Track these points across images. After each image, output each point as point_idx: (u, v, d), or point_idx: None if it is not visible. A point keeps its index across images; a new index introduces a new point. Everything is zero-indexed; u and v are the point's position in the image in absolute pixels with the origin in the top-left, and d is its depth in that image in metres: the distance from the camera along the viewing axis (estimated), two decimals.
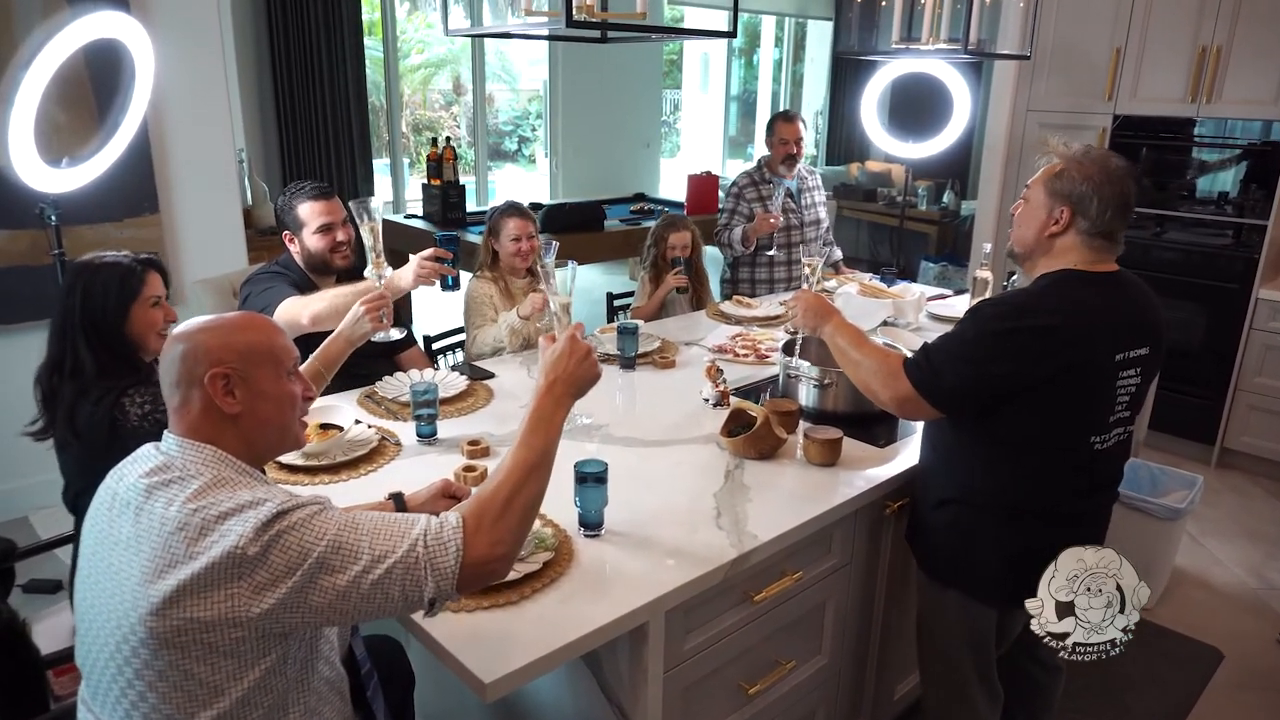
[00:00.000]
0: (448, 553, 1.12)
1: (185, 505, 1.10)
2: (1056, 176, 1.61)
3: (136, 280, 1.86)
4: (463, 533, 1.13)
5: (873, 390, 1.73)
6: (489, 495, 1.18)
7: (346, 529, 1.11)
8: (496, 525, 1.16)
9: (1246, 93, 3.65)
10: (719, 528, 1.64)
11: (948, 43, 2.75)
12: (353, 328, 1.83)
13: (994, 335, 1.56)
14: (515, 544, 1.19)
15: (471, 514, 1.16)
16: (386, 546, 1.11)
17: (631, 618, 1.39)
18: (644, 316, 3.18)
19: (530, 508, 1.21)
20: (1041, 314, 1.55)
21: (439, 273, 2.16)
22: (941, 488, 1.75)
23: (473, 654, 1.27)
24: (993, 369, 1.56)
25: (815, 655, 1.90)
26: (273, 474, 1.83)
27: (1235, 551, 3.29)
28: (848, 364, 1.80)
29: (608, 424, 2.13)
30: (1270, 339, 3.72)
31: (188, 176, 3.42)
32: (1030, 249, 1.67)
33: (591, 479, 1.57)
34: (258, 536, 1.07)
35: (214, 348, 1.20)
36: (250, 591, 1.06)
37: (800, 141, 3.56)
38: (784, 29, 9.47)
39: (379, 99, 6.67)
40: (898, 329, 2.92)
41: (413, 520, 1.15)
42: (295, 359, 1.29)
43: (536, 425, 1.25)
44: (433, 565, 1.11)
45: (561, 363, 1.31)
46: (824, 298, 1.91)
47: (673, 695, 1.54)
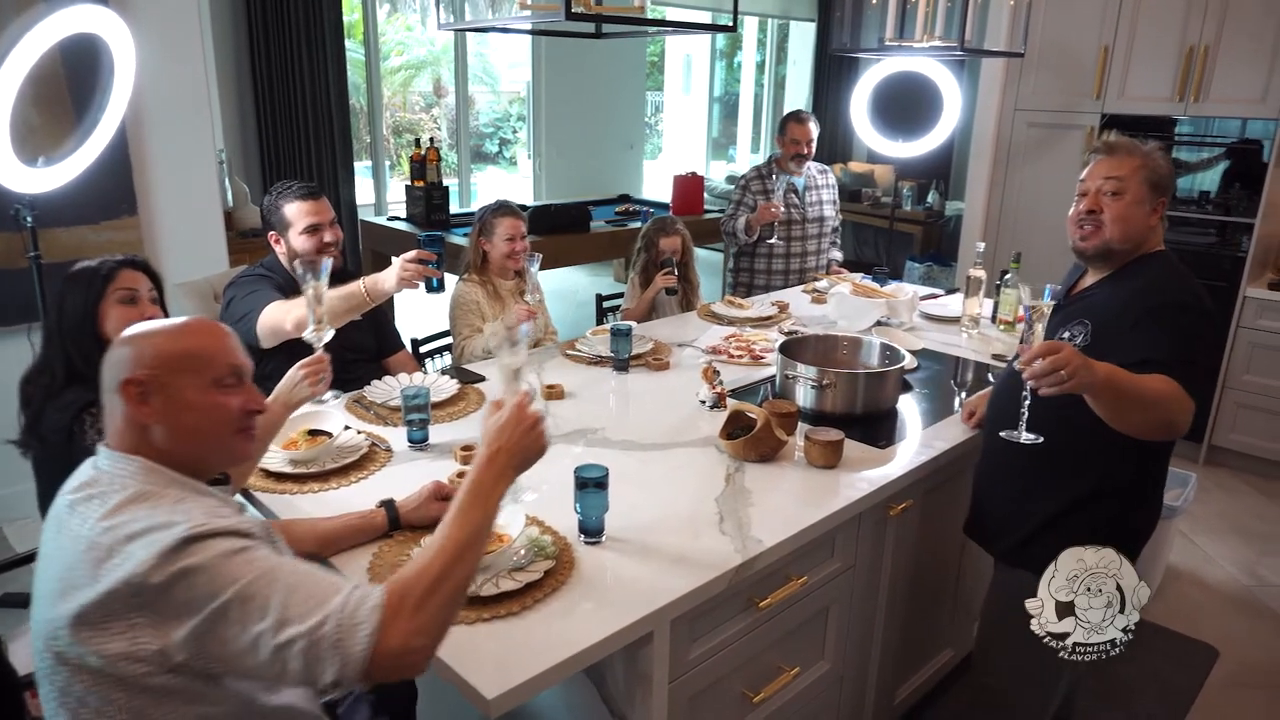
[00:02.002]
0: (357, 636, 0.98)
1: (99, 523, 1.04)
2: (1150, 169, 1.69)
3: (102, 279, 1.80)
4: (381, 615, 1.00)
5: (1172, 422, 1.52)
6: (415, 575, 1.05)
7: (261, 579, 1.01)
8: (418, 612, 1.02)
9: (1234, 91, 3.66)
10: (722, 533, 1.60)
11: (941, 40, 2.73)
12: (290, 392, 1.68)
13: (1203, 316, 1.63)
14: (437, 635, 1.04)
15: (394, 593, 1.02)
16: (297, 611, 0.99)
17: (637, 627, 1.35)
18: (634, 318, 3.14)
19: (459, 592, 1.07)
20: (1202, 296, 1.65)
21: (423, 274, 2.10)
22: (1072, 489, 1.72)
23: (476, 668, 1.22)
24: (1216, 348, 1.63)
25: (819, 661, 1.86)
26: (260, 482, 1.77)
27: (1227, 549, 3.29)
28: (1138, 408, 1.50)
29: (604, 427, 2.09)
30: (1257, 337, 3.73)
31: (167, 178, 3.34)
32: (1137, 242, 1.71)
33: (592, 484, 1.53)
34: (161, 564, 0.99)
35: (136, 354, 1.15)
36: (150, 624, 0.99)
37: (811, 142, 3.63)
38: (766, 30, 9.47)
39: (360, 101, 6.59)
40: (892, 329, 2.90)
41: (336, 587, 1.03)
42: (235, 369, 1.21)
43: (474, 500, 1.14)
44: (338, 648, 0.98)
45: (506, 432, 1.19)
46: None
47: (678, 705, 1.50)
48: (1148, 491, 1.77)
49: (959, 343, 2.86)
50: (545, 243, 4.47)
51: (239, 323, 2.18)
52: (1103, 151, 1.74)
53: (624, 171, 7.83)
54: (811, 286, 3.54)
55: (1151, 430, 1.53)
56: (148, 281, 1.86)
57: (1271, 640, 2.74)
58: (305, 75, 5.29)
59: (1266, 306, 3.70)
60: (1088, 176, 1.74)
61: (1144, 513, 1.78)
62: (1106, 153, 1.73)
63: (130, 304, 1.80)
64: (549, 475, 1.78)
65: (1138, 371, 1.52)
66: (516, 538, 1.46)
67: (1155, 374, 1.51)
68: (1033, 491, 1.77)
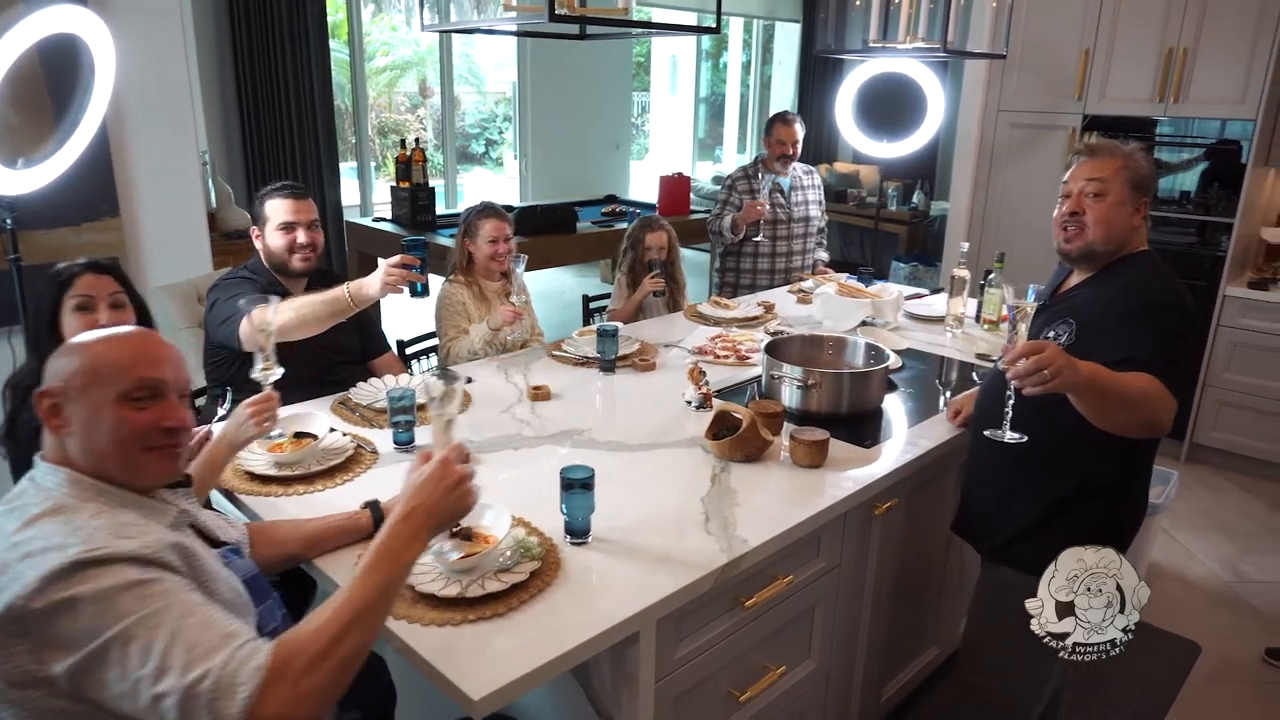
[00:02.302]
0: (235, 699, 0.93)
1: (10, 538, 1.03)
2: (1132, 170, 1.70)
3: (59, 286, 1.79)
4: (262, 677, 0.95)
5: (1155, 421, 1.53)
6: (305, 638, 1.00)
7: (147, 620, 0.96)
8: (302, 679, 0.96)
9: (1212, 92, 3.70)
10: (708, 533, 1.60)
11: (924, 42, 2.74)
12: (236, 431, 1.64)
13: (1185, 315, 1.64)
14: (317, 706, 0.98)
15: (280, 656, 0.97)
16: (179, 661, 0.95)
17: (623, 627, 1.35)
18: (621, 319, 3.14)
19: (351, 660, 1.01)
20: (1184, 296, 1.67)
21: (406, 279, 2.10)
22: (1054, 489, 1.73)
23: (461, 669, 1.22)
24: (1197, 347, 1.64)
25: (805, 660, 1.87)
26: (244, 485, 1.76)
27: (1208, 546, 3.33)
28: (1121, 406, 1.52)
29: (590, 428, 2.09)
30: (1237, 335, 3.77)
31: (149, 179, 3.31)
32: (1120, 243, 1.73)
33: (579, 485, 1.53)
34: (45, 589, 0.96)
35: (57, 367, 1.13)
36: (29, 652, 0.97)
37: (796, 142, 3.67)
38: (752, 31, 9.49)
39: (345, 102, 6.56)
40: (877, 328, 2.91)
41: (225, 640, 0.98)
42: (148, 383, 1.15)
43: (380, 561, 1.07)
44: (212, 708, 0.93)
45: (426, 489, 1.13)
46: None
47: (664, 705, 1.50)
48: (1133, 490, 1.79)
49: (944, 342, 2.88)
50: (531, 244, 4.47)
51: (222, 325, 2.17)
52: (1085, 153, 1.76)
53: (610, 172, 7.83)
54: (797, 287, 3.55)
55: (1135, 428, 1.55)
56: (112, 285, 1.82)
57: (1253, 636, 2.77)
58: (289, 76, 5.26)
59: (1247, 305, 3.74)
60: (1070, 178, 1.75)
61: (1129, 510, 1.80)
62: (1089, 155, 1.75)
63: (85, 310, 1.77)
64: (532, 475, 1.79)
65: (1120, 370, 1.53)
66: (503, 539, 1.46)
67: (1138, 372, 1.52)
68: (1019, 491, 1.79)
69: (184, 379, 1.22)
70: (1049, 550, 1.72)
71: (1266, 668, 2.63)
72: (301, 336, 2.13)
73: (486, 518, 1.50)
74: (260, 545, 1.47)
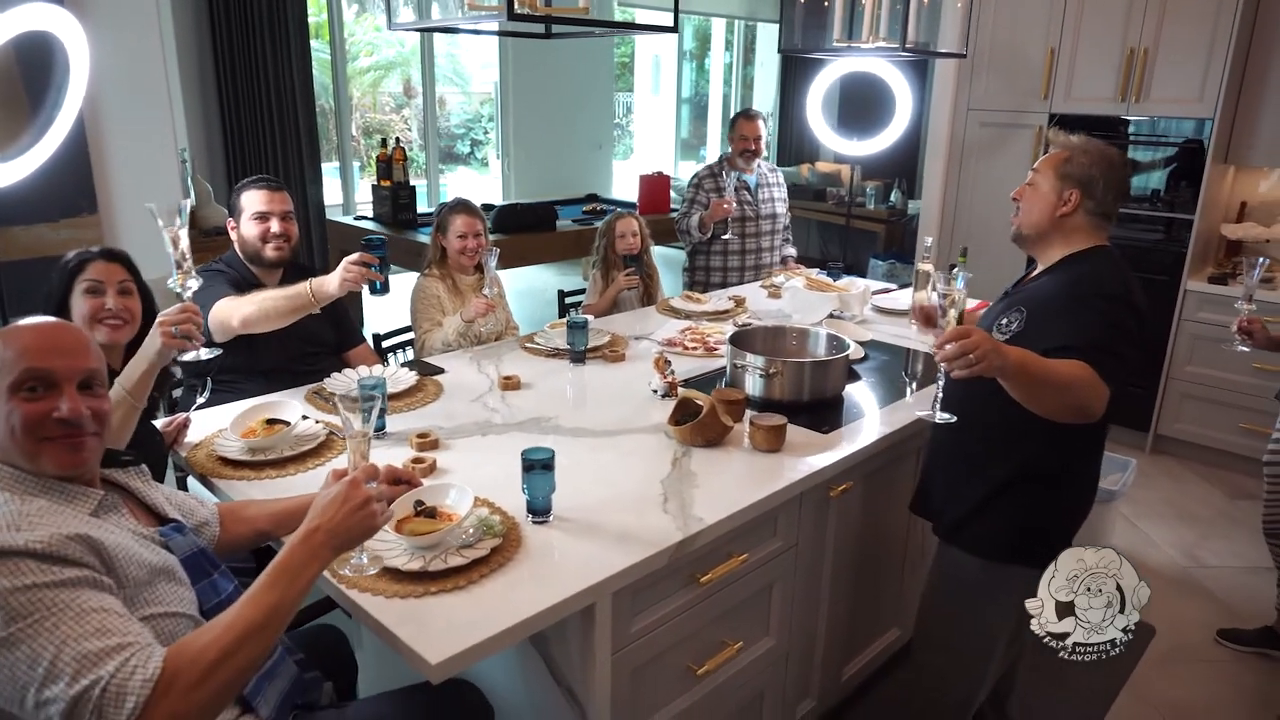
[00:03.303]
0: (121, 709, 0.95)
1: None
2: (1066, 162, 1.75)
3: (71, 271, 1.85)
4: (151, 690, 0.96)
5: (1084, 406, 1.58)
6: (196, 651, 1.01)
7: (37, 624, 0.98)
8: (191, 693, 0.98)
9: (1172, 92, 3.80)
10: (665, 512, 1.67)
11: (886, 41, 2.82)
12: (147, 346, 1.64)
13: (1129, 310, 1.69)
14: (206, 718, 1.01)
15: (169, 670, 0.99)
16: (67, 668, 0.96)
17: (578, 599, 1.41)
18: (595, 314, 3.20)
19: (238, 676, 1.03)
20: (1131, 290, 1.71)
21: (366, 277, 2.14)
22: (999, 472, 1.78)
23: (420, 636, 1.28)
24: (1138, 342, 1.68)
25: (763, 637, 1.93)
26: (216, 469, 1.81)
27: (1169, 533, 3.42)
28: (1050, 391, 1.57)
29: (557, 415, 2.15)
30: (1198, 329, 3.87)
31: (127, 176, 3.35)
32: (1042, 231, 1.79)
33: (539, 466, 1.59)
34: None
35: None
36: None
37: (759, 139, 3.72)
38: (734, 32, 9.57)
39: (328, 101, 6.60)
40: (843, 321, 2.98)
41: (116, 647, 0.99)
42: (36, 374, 1.16)
43: (277, 578, 1.08)
44: (101, 715, 0.95)
45: (330, 510, 1.14)
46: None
47: (621, 677, 1.56)
48: (1074, 476, 1.83)
49: (909, 334, 2.95)
50: (512, 241, 4.53)
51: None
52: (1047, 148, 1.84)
53: (593, 172, 7.89)
54: (770, 281, 3.62)
55: (1064, 412, 1.60)
56: (122, 273, 1.88)
57: (1205, 618, 2.85)
58: (270, 75, 5.30)
59: (1206, 299, 3.84)
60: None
61: (1070, 495, 1.85)
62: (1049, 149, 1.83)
63: (94, 294, 1.83)
64: (500, 460, 1.85)
65: (1059, 356, 1.59)
66: (465, 517, 1.51)
67: (1072, 359, 1.58)
68: (966, 473, 1.85)
69: (89, 368, 1.22)
70: (991, 531, 1.80)
71: (1218, 648, 2.72)
72: (265, 329, 2.18)
73: (450, 497, 1.56)
74: (231, 524, 1.52)
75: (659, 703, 1.69)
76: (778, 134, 9.32)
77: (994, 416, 1.73)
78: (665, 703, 1.70)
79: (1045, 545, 1.79)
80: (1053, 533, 1.81)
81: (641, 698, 1.64)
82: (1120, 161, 1.78)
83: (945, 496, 1.92)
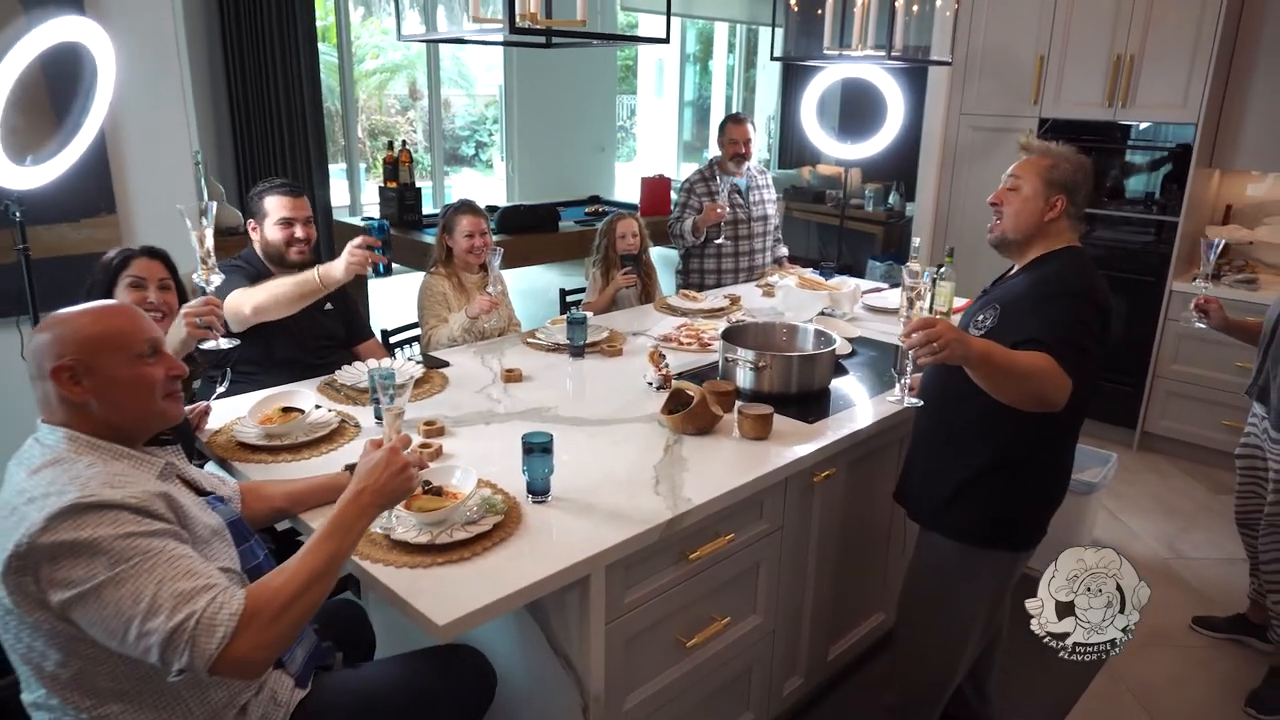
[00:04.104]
0: (213, 637, 1.11)
1: (17, 487, 1.19)
2: (1052, 169, 1.84)
3: (116, 267, 2.00)
4: (236, 623, 1.12)
5: (1045, 396, 1.67)
6: (272, 591, 1.18)
7: (138, 566, 1.12)
8: (268, 628, 1.14)
9: (1157, 98, 3.90)
10: (657, 494, 1.78)
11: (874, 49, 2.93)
12: (172, 335, 1.78)
13: (1093, 307, 1.78)
14: (277, 651, 1.17)
15: (250, 607, 1.15)
16: (166, 604, 1.11)
17: (574, 570, 1.52)
18: (594, 311, 3.31)
19: (305, 616, 1.20)
20: (1096, 289, 1.80)
21: (369, 260, 2.26)
22: (975, 461, 1.88)
23: (428, 601, 1.39)
24: (1100, 338, 1.78)
25: (750, 614, 2.04)
26: (235, 453, 1.93)
27: (1151, 526, 3.52)
28: (1012, 380, 1.67)
29: (557, 406, 2.27)
30: (1183, 329, 3.96)
31: (144, 178, 3.47)
32: (1029, 235, 1.88)
33: (538, 449, 1.70)
34: (47, 527, 1.11)
35: (57, 341, 1.26)
36: (35, 584, 1.12)
37: (748, 142, 3.78)
38: (736, 35, 9.69)
39: (334, 104, 6.72)
40: (834, 319, 3.09)
41: (205, 586, 1.14)
42: (151, 341, 1.32)
43: (333, 532, 1.25)
44: (195, 644, 1.10)
45: (375, 473, 1.31)
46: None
47: (615, 646, 1.68)
48: (1046, 465, 1.92)
49: (897, 332, 3.05)
50: (515, 242, 4.65)
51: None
52: (1022, 152, 1.93)
53: (595, 174, 8.01)
54: (764, 280, 3.73)
55: (1027, 401, 1.70)
56: (162, 270, 2.04)
57: (1182, 605, 2.96)
58: (279, 78, 5.42)
59: (1189, 300, 3.92)
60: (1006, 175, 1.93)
61: (1041, 484, 1.93)
62: (1025, 153, 1.92)
63: (138, 289, 1.99)
64: (502, 446, 1.96)
65: (1026, 349, 1.70)
66: (469, 496, 1.63)
67: (1036, 352, 1.68)
68: (946, 463, 1.96)
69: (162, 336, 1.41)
70: (967, 517, 1.91)
71: (1192, 634, 2.82)
72: (276, 316, 2.30)
73: (455, 477, 1.67)
74: (250, 501, 1.64)
75: (651, 672, 1.80)
76: (779, 137, 9.44)
77: (969, 410, 1.83)
78: (657, 673, 1.82)
79: (1018, 531, 1.92)
80: (1025, 519, 1.92)
81: (634, 667, 1.75)
82: (1092, 168, 1.90)
83: (924, 484, 2.02)
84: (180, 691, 1.26)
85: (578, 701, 1.66)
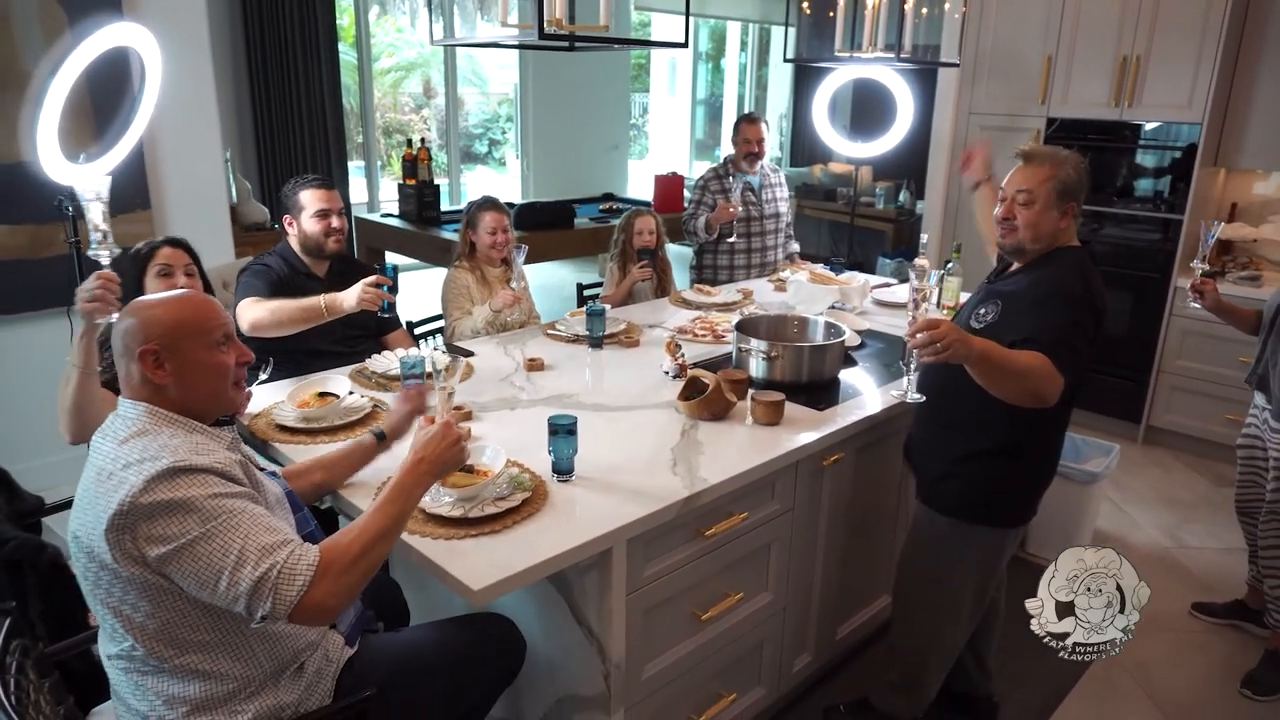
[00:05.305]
0: (293, 586, 1.23)
1: (109, 455, 1.30)
2: (1062, 179, 1.90)
3: (144, 256, 2.14)
4: (313, 573, 1.24)
5: (1038, 393, 1.75)
6: (344, 546, 1.29)
7: (227, 522, 1.24)
8: (340, 578, 1.26)
9: (1163, 97, 3.98)
10: (674, 474, 1.88)
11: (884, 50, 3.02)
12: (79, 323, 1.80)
13: (1087, 309, 1.86)
14: (348, 600, 1.29)
15: (325, 559, 1.27)
16: (253, 556, 1.23)
17: (598, 543, 1.63)
18: (611, 304, 3.41)
19: (372, 569, 1.32)
20: (1092, 290, 1.88)
21: (380, 299, 2.39)
22: (969, 444, 1.98)
23: (463, 568, 1.50)
24: (1092, 338, 1.86)
25: (762, 591, 2.15)
26: (276, 435, 2.05)
27: (1153, 516, 3.60)
28: (1009, 378, 1.76)
29: (578, 393, 2.37)
30: (1187, 324, 4.04)
31: (177, 176, 3.61)
32: (1048, 241, 1.95)
33: (563, 430, 1.81)
34: (147, 490, 1.21)
35: (144, 325, 1.37)
36: (133, 541, 1.23)
37: (761, 141, 3.87)
38: (749, 34, 9.78)
39: (352, 103, 6.85)
40: (844, 313, 3.18)
41: (284, 540, 1.26)
42: (225, 331, 1.43)
43: (395, 496, 1.37)
44: (277, 591, 1.22)
45: (431, 445, 1.43)
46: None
47: (635, 617, 1.78)
48: (1036, 452, 2.01)
49: (904, 325, 3.14)
50: (531, 238, 4.75)
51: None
52: (1021, 160, 1.99)
53: (609, 171, 8.12)
54: (776, 275, 3.82)
55: (1021, 397, 1.78)
56: (185, 258, 2.17)
57: (1181, 592, 3.04)
58: (300, 79, 5.56)
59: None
60: (1007, 184, 1.98)
61: (1030, 468, 2.02)
62: (1024, 161, 1.97)
63: (166, 276, 2.12)
64: (527, 430, 2.07)
65: (1022, 347, 1.79)
66: (499, 474, 1.74)
67: (1031, 350, 1.78)
68: (942, 444, 2.06)
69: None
70: (959, 493, 2.01)
71: (1191, 619, 2.91)
72: (274, 335, 2.42)
73: (486, 456, 1.78)
74: (291, 480, 1.75)
75: (668, 643, 1.91)
76: (791, 135, 9.51)
77: (968, 401, 1.93)
78: (673, 644, 1.92)
79: (1007, 509, 2.02)
80: (1013, 499, 2.03)
81: (652, 638, 1.86)
82: (1087, 164, 1.98)
83: (920, 459, 2.14)
84: (253, 645, 1.38)
85: (599, 669, 1.77)
